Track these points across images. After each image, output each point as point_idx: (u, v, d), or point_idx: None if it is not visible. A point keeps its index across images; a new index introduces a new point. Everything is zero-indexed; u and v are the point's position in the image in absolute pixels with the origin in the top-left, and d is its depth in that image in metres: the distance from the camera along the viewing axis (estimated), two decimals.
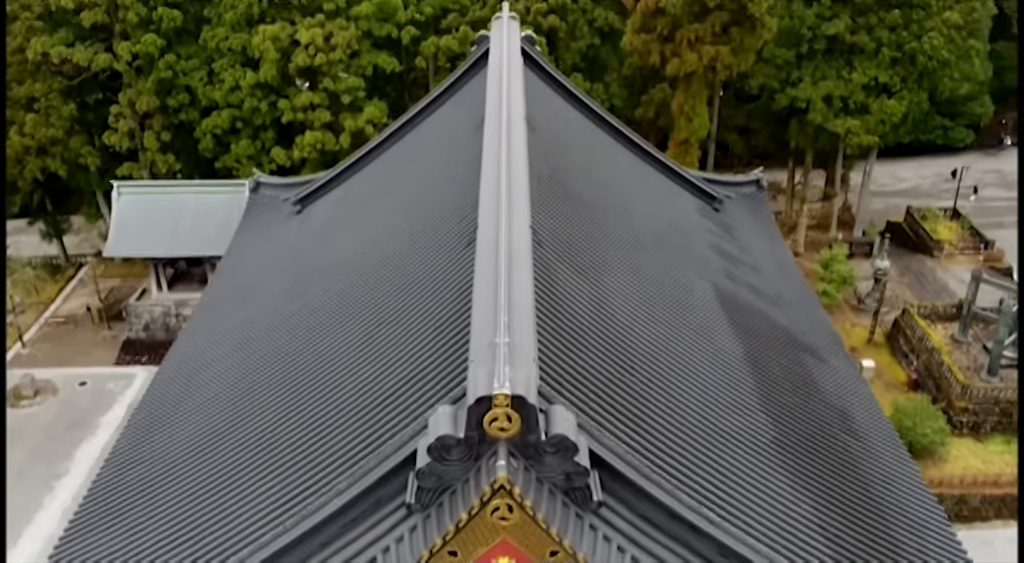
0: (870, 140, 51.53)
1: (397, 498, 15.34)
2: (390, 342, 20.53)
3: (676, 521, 15.71)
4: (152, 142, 55.25)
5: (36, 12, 53.57)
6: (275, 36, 51.54)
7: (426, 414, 15.53)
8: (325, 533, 15.51)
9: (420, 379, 17.83)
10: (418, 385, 17.67)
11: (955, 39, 50.03)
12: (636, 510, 15.60)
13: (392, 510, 15.34)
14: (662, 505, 15.62)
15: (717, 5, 45.50)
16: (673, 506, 15.65)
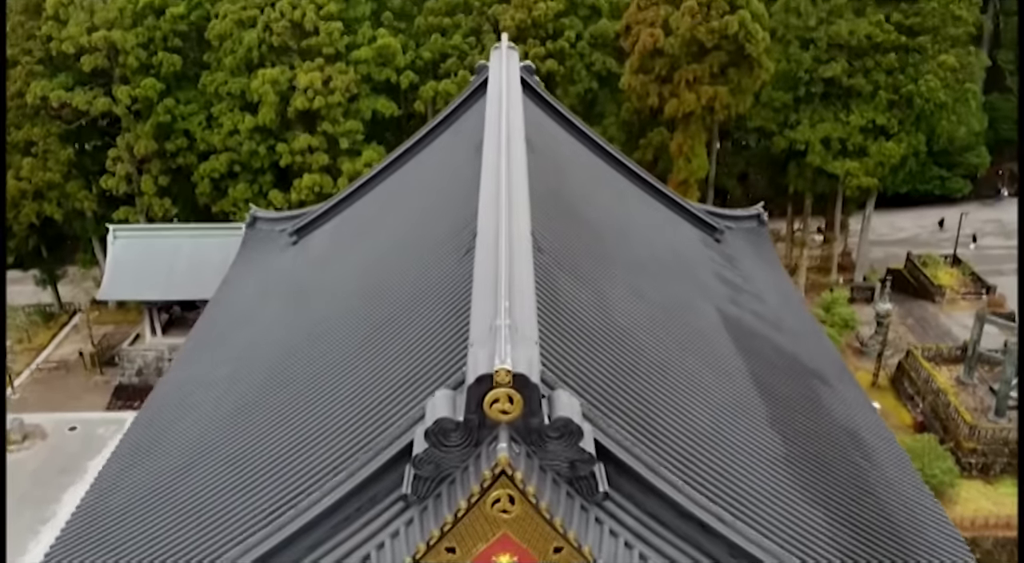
0: (869, 182, 51.45)
1: (393, 493, 14.60)
2: (386, 348, 19.92)
3: (685, 519, 14.95)
4: (149, 186, 55.08)
5: (37, 57, 53.82)
6: (274, 80, 51.70)
7: (422, 407, 14.85)
8: (317, 532, 14.73)
9: (417, 380, 17.18)
10: (416, 386, 17.01)
11: (951, 82, 50.21)
12: (643, 507, 14.84)
13: (388, 506, 14.58)
14: (671, 502, 14.88)
15: (715, 46, 45.73)
16: (682, 503, 14.92)
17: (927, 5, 50.12)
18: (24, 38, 53.90)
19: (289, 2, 51.67)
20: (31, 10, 54.43)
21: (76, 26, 52.23)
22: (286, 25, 51.80)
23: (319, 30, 51.78)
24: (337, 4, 51.96)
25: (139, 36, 53.27)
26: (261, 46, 52.65)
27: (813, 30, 50.32)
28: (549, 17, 52.05)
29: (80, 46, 52.26)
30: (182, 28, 54.37)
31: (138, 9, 53.21)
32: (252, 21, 52.81)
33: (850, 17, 49.80)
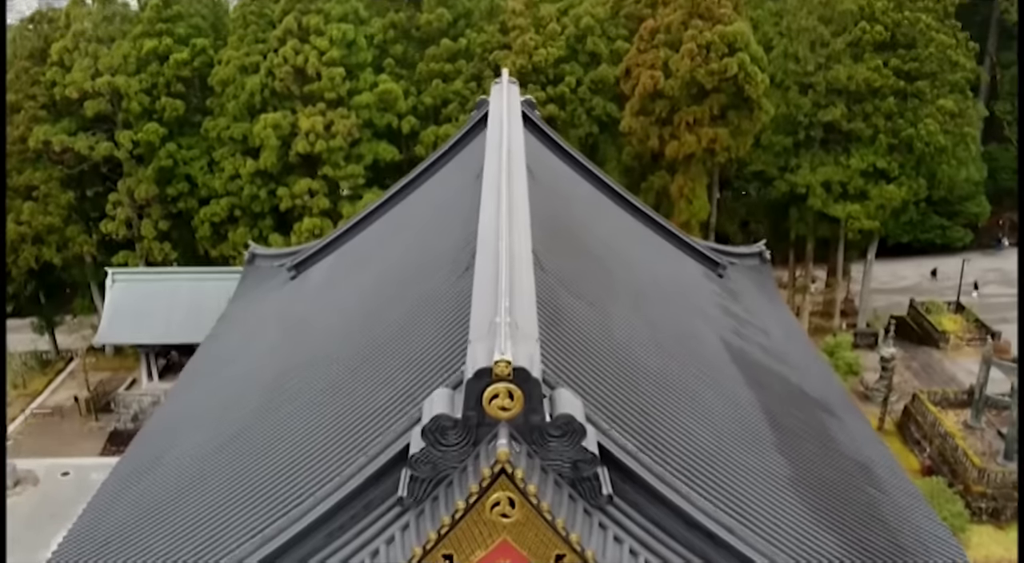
0: (871, 225, 51.33)
1: (388, 500, 14.08)
2: (384, 365, 19.49)
3: (693, 529, 14.40)
4: (149, 230, 55.00)
5: (40, 102, 54.17)
6: (276, 124, 51.90)
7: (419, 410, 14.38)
8: (311, 541, 14.18)
9: (415, 391, 16.72)
10: (414, 396, 16.54)
11: (950, 127, 50.38)
12: (649, 515, 14.30)
13: (383, 512, 14.04)
14: (677, 511, 14.35)
15: (714, 88, 45.95)
16: (690, 512, 14.37)
17: (924, 51, 50.51)
18: (29, 84, 54.31)
19: (292, 48, 52.09)
20: (36, 56, 54.96)
21: (80, 72, 52.66)
22: (289, 70, 52.16)
23: (321, 75, 52.12)
24: (339, 50, 52.36)
25: (142, 82, 53.66)
26: (263, 91, 52.97)
27: (811, 75, 50.63)
28: (550, 63, 52.46)
29: (84, 91, 52.65)
30: (185, 74, 54.77)
31: (142, 55, 53.65)
32: (255, 67, 53.24)
33: (848, 62, 50.14)
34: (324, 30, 52.31)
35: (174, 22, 54.77)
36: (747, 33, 45.16)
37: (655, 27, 46.76)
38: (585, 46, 53.74)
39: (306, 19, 52.31)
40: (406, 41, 55.67)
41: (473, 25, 55.21)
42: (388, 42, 55.44)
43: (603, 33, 53.91)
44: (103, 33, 53.90)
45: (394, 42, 55.46)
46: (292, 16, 52.43)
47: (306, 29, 52.48)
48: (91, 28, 53.78)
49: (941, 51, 50.25)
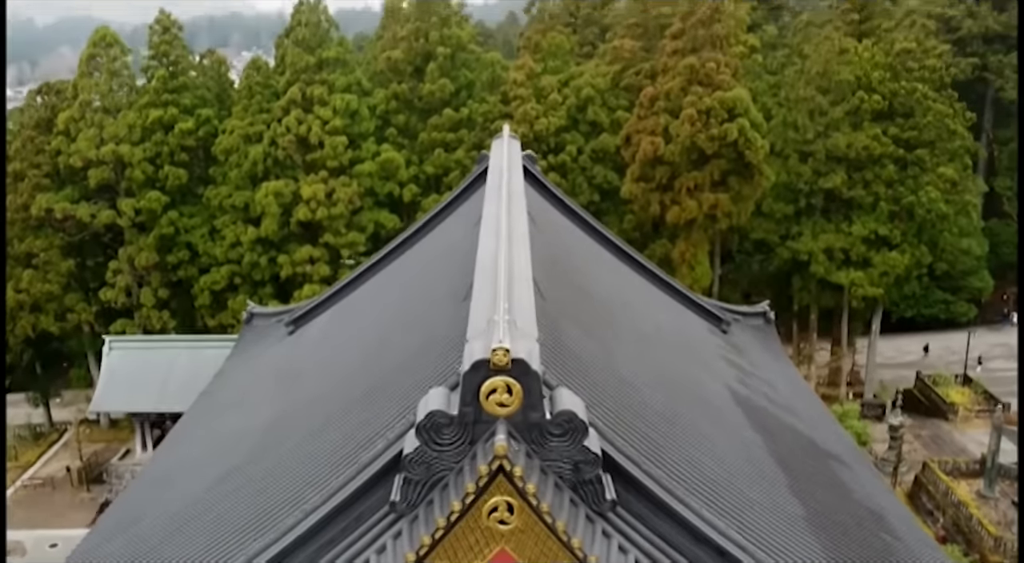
0: (875, 292, 50.95)
1: (380, 510, 13.38)
2: (381, 397, 18.89)
3: (702, 544, 13.65)
4: (149, 298, 54.70)
5: (44, 171, 54.55)
6: (278, 192, 52.11)
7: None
8: (299, 557, 13.43)
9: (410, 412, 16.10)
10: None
11: (951, 194, 50.47)
12: (655, 528, 13.57)
13: (374, 523, 13.33)
14: (685, 524, 13.62)
15: (715, 153, 46.16)
16: (699, 526, 13.65)
17: (922, 119, 50.92)
18: (34, 152, 54.78)
19: (296, 117, 52.64)
20: (42, 126, 55.54)
21: (85, 140, 53.13)
22: (292, 139, 52.61)
23: (324, 144, 52.56)
24: (342, 120, 52.91)
25: (147, 151, 54.12)
26: (266, 160, 53.33)
27: (811, 143, 50.92)
28: (551, 132, 52.87)
29: (88, 160, 53.04)
30: (189, 143, 55.23)
31: (147, 124, 54.20)
32: (258, 136, 53.73)
33: (847, 131, 50.48)
34: (328, 100, 52.96)
35: (180, 93, 55.50)
36: (746, 99, 45.57)
37: (655, 94, 47.22)
38: (586, 116, 54.26)
39: (310, 90, 52.99)
40: (408, 111, 56.29)
41: (475, 95, 55.87)
42: (391, 112, 56.06)
43: (603, 103, 54.50)
44: (109, 103, 54.56)
45: (396, 112, 56.07)
46: (297, 87, 53.12)
47: (310, 99, 53.12)
48: (98, 99, 54.46)
49: (939, 120, 50.64)
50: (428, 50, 55.28)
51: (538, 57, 55.51)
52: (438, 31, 54.91)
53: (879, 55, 51.33)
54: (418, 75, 56.11)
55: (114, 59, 54.95)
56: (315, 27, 54.02)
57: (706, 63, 45.37)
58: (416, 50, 55.50)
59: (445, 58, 54.66)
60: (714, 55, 45.60)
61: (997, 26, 72.33)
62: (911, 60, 51.38)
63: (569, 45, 59.66)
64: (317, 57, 53.36)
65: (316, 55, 53.42)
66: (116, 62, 54.88)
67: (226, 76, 60.60)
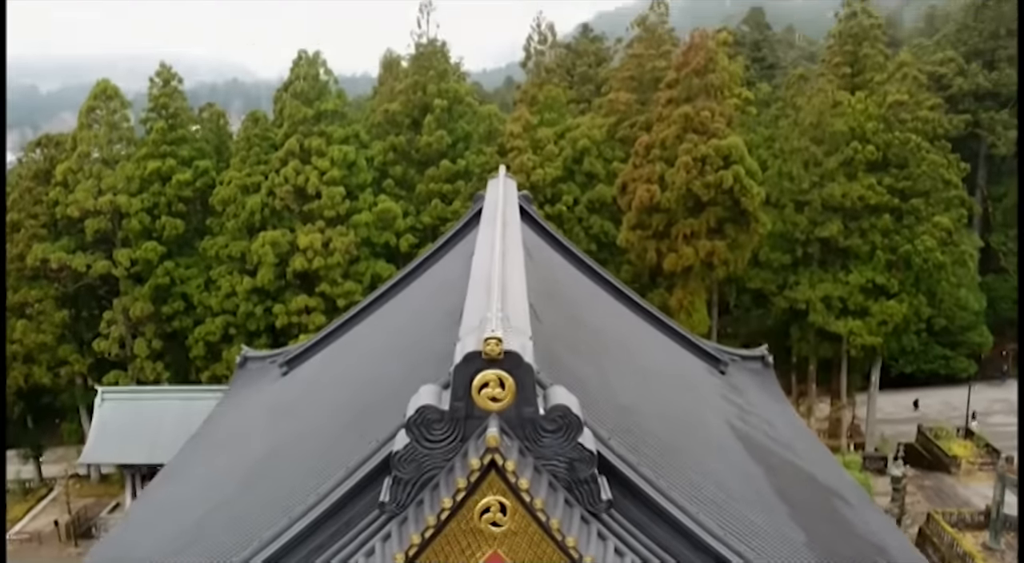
0: (873, 341, 50.65)
1: (369, 515, 12.96)
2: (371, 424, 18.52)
3: (701, 552, 13.20)
4: (143, 349, 54.28)
5: (42, 221, 54.60)
6: (275, 241, 52.09)
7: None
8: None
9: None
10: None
11: (947, 243, 50.51)
12: (653, 535, 13.15)
13: (363, 527, 12.90)
14: (684, 531, 13.20)
15: (711, 200, 46.25)
16: (698, 533, 13.23)
17: (917, 169, 51.21)
18: (31, 203, 54.90)
19: (293, 168, 52.85)
20: (40, 177, 55.78)
21: (83, 191, 53.28)
22: (289, 190, 52.76)
23: (321, 194, 52.68)
24: (340, 171, 53.13)
25: (144, 201, 54.23)
26: (263, 210, 53.40)
27: (807, 193, 51.12)
28: (547, 182, 53.09)
29: (85, 210, 53.07)
30: (187, 194, 55.41)
31: (145, 176, 54.42)
32: (256, 187, 53.89)
33: (842, 181, 50.70)
34: (326, 151, 53.25)
35: (179, 145, 55.85)
36: (741, 146, 45.83)
37: (650, 142, 47.51)
38: (582, 167, 54.54)
39: (308, 141, 53.31)
40: (406, 163, 56.59)
41: (472, 147, 56.21)
42: (388, 164, 56.36)
43: (599, 154, 54.84)
44: (108, 155, 54.86)
45: (394, 164, 56.37)
46: (295, 138, 53.45)
47: (308, 151, 53.41)
48: (97, 151, 54.76)
49: (933, 170, 50.93)
50: (425, 102, 55.79)
51: (534, 109, 56.04)
52: (435, 84, 55.49)
53: (872, 107, 51.81)
54: (415, 127, 56.55)
55: (114, 112, 55.39)
56: (313, 80, 54.56)
57: (701, 112, 45.73)
58: (414, 103, 56.02)
59: (442, 110, 55.14)
60: (709, 104, 46.00)
61: (987, 83, 73.24)
62: (904, 112, 51.87)
63: (565, 98, 60.30)
64: (315, 109, 53.79)
65: (314, 107, 53.87)
66: (116, 115, 55.30)
67: (225, 129, 61.10)
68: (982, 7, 75.80)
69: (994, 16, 75.02)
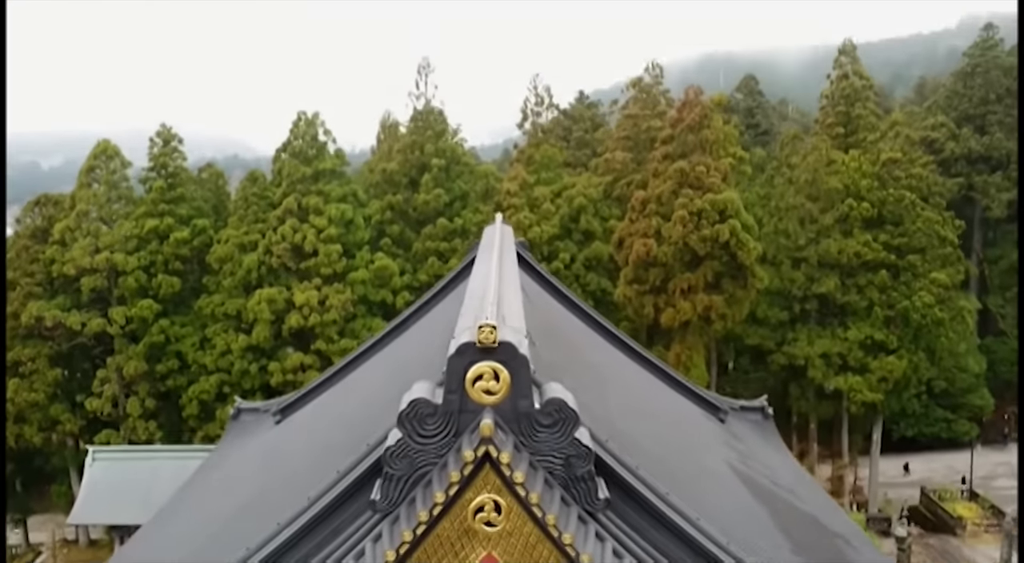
0: (874, 397, 50.27)
1: (359, 518, 12.58)
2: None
3: (702, 559, 12.79)
4: (135, 408, 53.70)
5: (37, 279, 54.48)
6: (271, 299, 51.96)
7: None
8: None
9: None
10: None
11: (945, 299, 50.47)
12: (652, 540, 12.75)
13: (353, 531, 12.51)
14: (684, 537, 12.80)
15: (707, 254, 46.32)
16: (700, 540, 12.83)
17: (912, 226, 51.44)
18: (28, 261, 54.85)
19: (291, 226, 53.03)
20: (38, 236, 55.86)
21: (80, 249, 53.30)
22: (286, 247, 52.85)
23: (318, 252, 52.75)
24: (337, 228, 53.31)
25: (141, 259, 54.21)
26: (260, 268, 53.40)
27: (803, 249, 51.29)
28: (544, 240, 53.24)
29: (82, 268, 53.02)
30: (184, 252, 55.43)
31: (143, 234, 54.51)
32: (253, 245, 53.97)
33: (838, 237, 50.92)
34: (323, 210, 53.49)
35: (177, 203, 56.08)
36: (737, 201, 46.11)
37: (646, 197, 47.81)
38: (579, 225, 54.75)
39: (306, 199, 53.60)
40: (403, 221, 56.80)
41: (469, 206, 56.49)
42: (385, 222, 56.55)
43: (596, 213, 55.11)
44: (106, 214, 55.05)
45: (391, 222, 56.57)
46: (293, 197, 53.76)
47: (306, 209, 53.65)
48: (95, 210, 54.96)
49: (928, 226, 51.19)
50: (423, 162, 56.27)
51: (531, 168, 56.50)
52: (433, 144, 56.04)
53: (866, 165, 52.31)
54: (413, 186, 56.93)
55: (113, 172, 55.80)
56: (312, 140, 55.11)
57: (696, 167, 46.12)
58: (411, 162, 56.52)
59: (440, 169, 55.57)
60: (704, 159, 46.41)
61: (980, 148, 74.07)
62: (897, 169, 52.34)
63: (562, 157, 60.86)
64: (313, 168, 54.22)
65: (312, 166, 54.31)
66: (115, 174, 55.69)
67: (223, 189, 61.47)
68: (971, 74, 77.08)
69: (983, 83, 76.27)
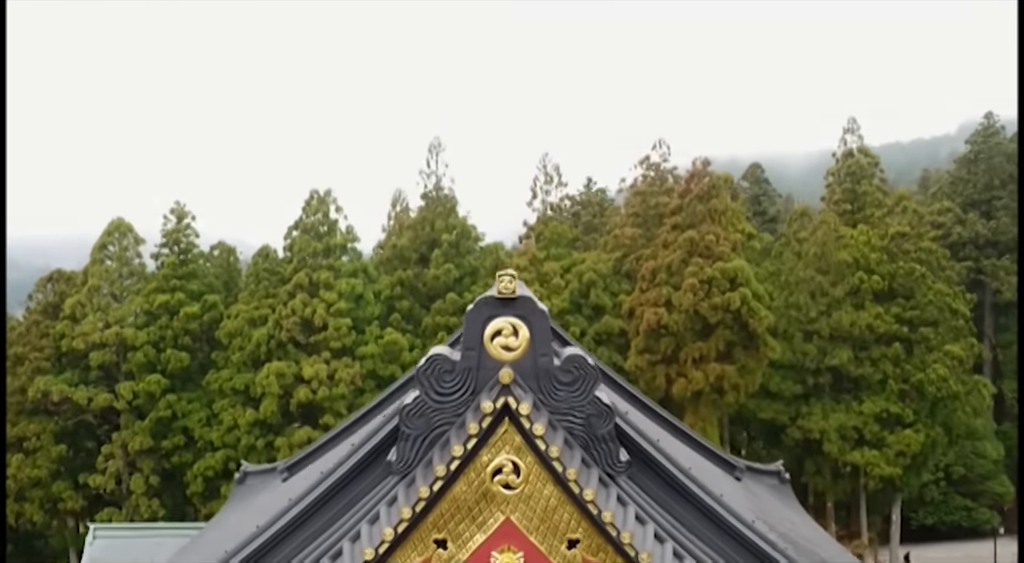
0: (892, 472, 49.25)
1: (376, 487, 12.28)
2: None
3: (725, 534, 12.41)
4: (139, 485, 52.85)
5: (46, 354, 54.37)
6: (280, 372, 51.67)
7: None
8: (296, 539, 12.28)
9: None
10: None
11: (959, 372, 50.01)
12: (675, 514, 12.39)
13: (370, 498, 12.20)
14: (708, 512, 12.44)
15: (718, 322, 46.18)
16: (723, 514, 12.45)
17: (923, 299, 51.34)
18: (38, 337, 54.88)
19: (301, 301, 53.09)
20: (49, 312, 56.00)
21: (90, 324, 53.38)
22: (296, 321, 52.81)
23: (328, 326, 52.68)
24: (347, 303, 53.37)
25: (150, 334, 54.16)
26: (269, 342, 53.22)
27: (814, 321, 51.09)
28: (554, 314, 52.77)
29: (91, 342, 52.97)
30: (194, 327, 55.37)
31: (153, 309, 54.60)
32: (263, 319, 53.94)
33: (849, 310, 50.79)
34: (333, 284, 53.63)
35: (188, 279, 56.32)
36: (747, 269, 46.21)
37: (656, 267, 47.96)
38: (589, 300, 54.68)
39: (317, 274, 53.84)
40: (413, 297, 56.84)
41: (479, 281, 56.52)
42: (395, 297, 56.60)
43: (606, 287, 55.08)
44: (117, 289, 55.31)
45: (401, 297, 56.62)
46: (304, 272, 54.01)
47: (316, 284, 53.82)
48: (107, 285, 55.26)
49: (940, 299, 51.06)
50: (433, 237, 56.70)
51: (540, 245, 56.82)
52: (443, 220, 56.58)
53: (875, 239, 52.54)
54: (423, 262, 57.18)
55: (126, 248, 56.32)
56: (324, 217, 55.71)
57: (705, 236, 46.42)
58: (422, 238, 56.97)
59: (450, 245, 55.95)
60: (713, 228, 46.75)
61: (987, 232, 74.35)
62: (906, 243, 52.52)
63: (571, 234, 61.23)
64: (324, 243, 54.66)
65: (324, 242, 54.76)
66: (128, 251, 56.19)
67: (235, 266, 61.79)
68: (974, 161, 78.03)
69: (987, 169, 77.10)
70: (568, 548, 11.31)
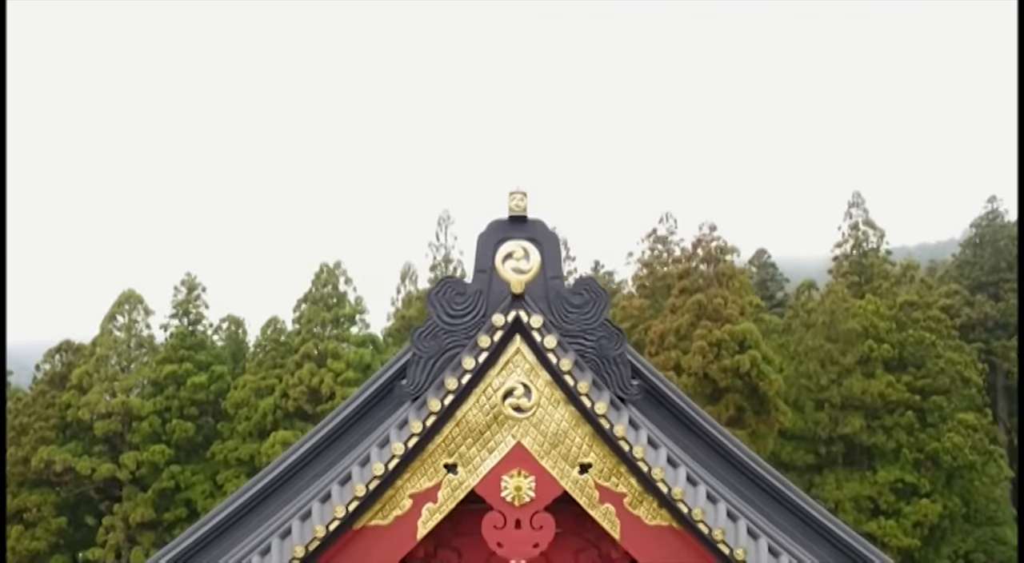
0: (910, 543, 47.93)
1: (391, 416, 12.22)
2: None
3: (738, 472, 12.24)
4: (139, 559, 51.54)
5: (51, 424, 54.06)
6: (285, 441, 50.90)
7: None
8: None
9: None
10: None
11: (975, 441, 49.31)
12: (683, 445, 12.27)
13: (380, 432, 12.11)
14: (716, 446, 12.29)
15: (728, 386, 45.77)
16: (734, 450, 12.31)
17: (934, 367, 50.99)
18: (44, 406, 54.68)
19: (308, 370, 52.96)
20: (56, 382, 55.90)
21: (97, 393, 53.21)
22: (303, 391, 52.60)
23: (336, 395, 52.26)
24: (355, 373, 53.07)
25: (157, 404, 53.96)
26: (276, 412, 52.91)
27: (825, 390, 50.58)
28: None
29: (97, 412, 52.73)
30: (200, 397, 55.13)
31: (160, 378, 54.48)
32: (270, 389, 53.72)
33: (859, 378, 50.35)
34: (342, 354, 53.59)
35: (196, 349, 56.34)
36: (756, 332, 46.06)
37: (664, 331, 47.82)
38: None
39: (325, 344, 53.86)
40: None
41: None
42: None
43: None
44: (125, 359, 55.32)
45: None
46: (312, 342, 54.04)
47: (324, 354, 53.82)
48: (115, 355, 55.29)
49: (951, 367, 50.70)
50: None
51: None
52: None
53: (883, 308, 52.47)
54: None
55: (135, 320, 56.56)
56: (333, 288, 56.02)
57: (713, 299, 46.45)
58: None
59: None
60: (721, 292, 46.81)
61: (996, 313, 74.05)
62: (915, 311, 52.43)
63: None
64: (333, 314, 54.83)
65: (332, 312, 54.93)
66: (138, 322, 56.43)
67: (242, 339, 61.81)
68: (980, 244, 78.31)
69: (992, 252, 77.26)
70: (580, 473, 11.12)
